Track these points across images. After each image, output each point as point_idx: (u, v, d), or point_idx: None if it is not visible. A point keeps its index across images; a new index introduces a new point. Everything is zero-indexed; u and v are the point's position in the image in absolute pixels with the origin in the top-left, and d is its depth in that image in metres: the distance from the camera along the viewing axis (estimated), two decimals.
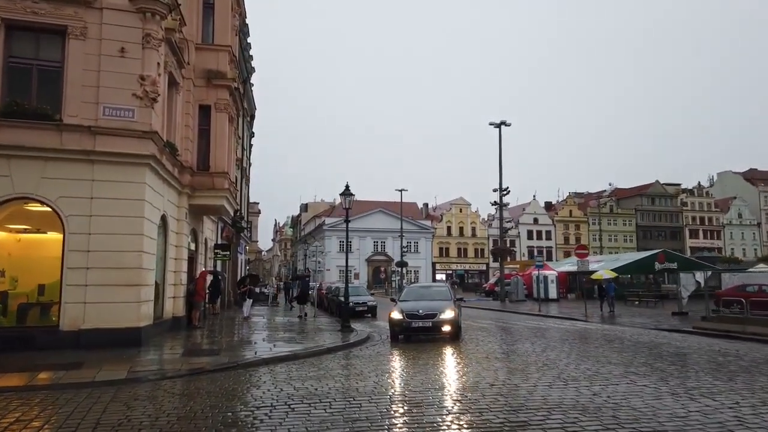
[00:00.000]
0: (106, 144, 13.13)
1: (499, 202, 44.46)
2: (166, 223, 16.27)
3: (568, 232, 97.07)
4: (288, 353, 12.36)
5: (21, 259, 13.94)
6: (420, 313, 14.49)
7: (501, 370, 10.02)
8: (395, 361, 11.60)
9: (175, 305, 17.04)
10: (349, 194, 17.54)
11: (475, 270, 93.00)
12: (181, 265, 17.42)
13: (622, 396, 7.74)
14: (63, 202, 12.93)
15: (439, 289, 16.89)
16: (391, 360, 11.84)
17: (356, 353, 12.89)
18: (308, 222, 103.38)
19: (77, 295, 12.84)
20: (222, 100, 18.77)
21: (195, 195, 18.12)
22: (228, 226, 27.51)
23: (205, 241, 22.07)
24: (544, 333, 17.02)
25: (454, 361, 11.38)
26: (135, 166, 13.44)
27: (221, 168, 18.51)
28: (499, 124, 44.22)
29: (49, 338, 12.65)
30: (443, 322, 14.45)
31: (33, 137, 12.68)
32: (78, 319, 12.81)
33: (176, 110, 16.93)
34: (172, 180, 16.11)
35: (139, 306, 13.25)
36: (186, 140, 17.72)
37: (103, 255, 13.01)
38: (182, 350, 12.90)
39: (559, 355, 12.01)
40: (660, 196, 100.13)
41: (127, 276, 13.13)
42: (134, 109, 13.46)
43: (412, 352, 12.76)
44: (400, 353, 12.74)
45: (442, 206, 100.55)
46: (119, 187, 13.26)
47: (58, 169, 12.89)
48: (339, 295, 26.44)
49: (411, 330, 14.53)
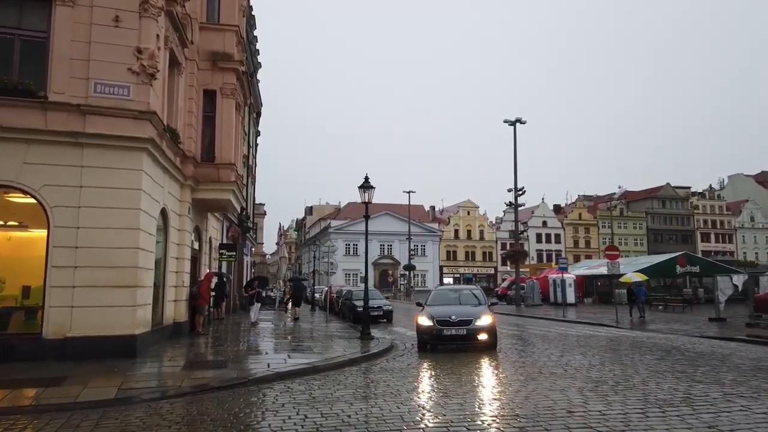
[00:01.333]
0: (97, 125, 11.48)
1: (514, 203, 42.66)
2: (167, 219, 14.61)
3: (578, 235, 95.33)
4: (306, 366, 10.65)
5: (11, 260, 12.29)
6: (453, 320, 12.78)
7: (569, 390, 8.28)
8: (434, 377, 9.87)
9: (176, 310, 15.36)
10: (368, 187, 15.84)
11: (483, 274, 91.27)
12: (183, 265, 15.74)
13: (751, 430, 6.02)
14: (48, 192, 11.27)
15: (470, 292, 15.15)
16: (429, 375, 10.12)
17: (383, 366, 11.18)
18: (313, 225, 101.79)
19: (63, 297, 11.17)
20: (228, 85, 17.13)
21: (199, 188, 16.46)
22: (234, 225, 25.86)
23: (209, 241, 20.40)
24: (587, 341, 15.28)
25: (507, 378, 9.62)
26: (130, 150, 11.78)
27: (227, 159, 16.85)
28: (514, 122, 42.53)
29: (31, 347, 10.99)
30: (480, 330, 12.74)
31: (14, 116, 11.03)
32: (64, 326, 11.14)
33: (178, 94, 15.28)
34: (173, 170, 14.45)
35: (134, 310, 11.58)
36: (189, 128, 16.07)
37: (93, 252, 11.35)
38: (183, 362, 11.20)
39: (624, 369, 10.27)
40: (671, 199, 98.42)
41: (120, 276, 11.46)
42: (130, 85, 11.81)
43: (449, 365, 11.05)
44: (434, 366, 11.02)
45: (450, 209, 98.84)
46: (112, 175, 11.60)
47: (42, 153, 11.24)
48: (352, 299, 24.85)
49: (442, 338, 12.81)
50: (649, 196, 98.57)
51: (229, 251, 21.93)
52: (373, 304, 23.71)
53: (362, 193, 15.92)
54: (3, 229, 12.30)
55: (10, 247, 12.45)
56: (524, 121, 43.00)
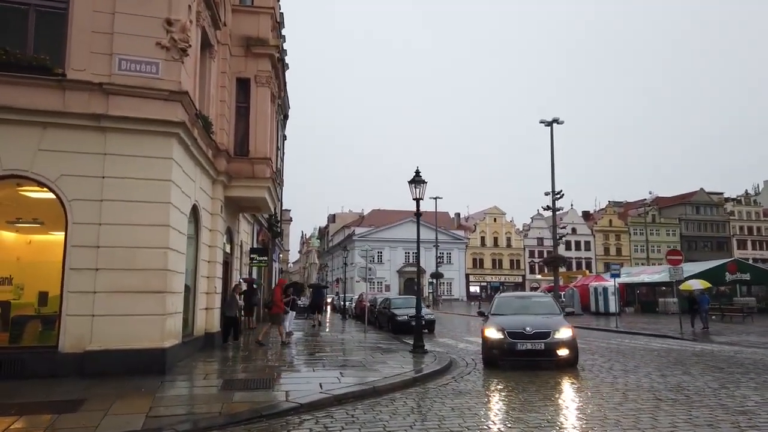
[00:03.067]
0: (121, 107, 10.00)
1: (551, 207, 40.62)
2: (198, 217, 13.10)
3: (608, 242, 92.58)
4: (365, 387, 8.95)
5: (31, 265, 10.89)
6: (528, 332, 10.98)
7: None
8: (527, 404, 8.09)
9: (208, 319, 13.83)
10: (420, 182, 14.15)
11: (510, 282, 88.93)
12: (215, 269, 14.20)
13: None
14: (65, 183, 9.80)
15: (541, 300, 13.33)
16: (520, 401, 8.33)
17: (454, 387, 9.43)
18: (336, 233, 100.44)
19: (83, 305, 9.66)
20: (263, 72, 15.63)
21: (231, 185, 14.94)
22: (264, 229, 24.37)
23: (240, 245, 18.91)
24: (676, 357, 13.34)
25: (620, 406, 7.82)
26: (159, 136, 10.28)
27: (263, 153, 15.32)
28: (551, 122, 40.47)
29: (45, 363, 9.48)
30: (560, 344, 10.94)
31: (28, 97, 9.60)
32: (83, 338, 9.62)
33: (210, 80, 13.82)
34: (205, 163, 12.95)
35: (163, 320, 10.03)
36: (221, 118, 14.59)
37: (117, 252, 9.84)
38: (220, 380, 9.57)
39: (764, 394, 8.41)
40: (705, 205, 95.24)
41: (148, 280, 9.93)
42: (159, 62, 10.32)
43: (532, 386, 9.28)
44: (517, 388, 9.24)
45: (475, 216, 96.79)
46: (139, 164, 10.10)
47: (59, 138, 9.79)
48: (390, 308, 23.19)
49: (515, 354, 11.00)
50: (681, 202, 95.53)
51: (261, 256, 20.43)
52: (413, 313, 22.12)
53: (413, 189, 14.22)
54: (17, 227, 10.90)
55: (31, 251, 11.06)
56: (561, 121, 40.94)
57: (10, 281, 10.56)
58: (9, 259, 10.68)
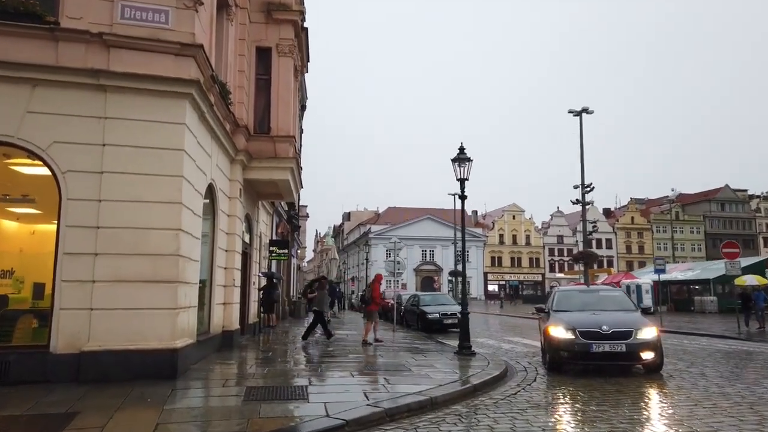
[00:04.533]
0: (125, 62, 8.42)
1: (581, 200, 38.64)
2: (215, 199, 11.51)
3: (630, 240, 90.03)
4: (422, 398, 7.26)
5: (34, 257, 9.30)
6: (604, 331, 9.22)
7: None
8: (642, 424, 6.39)
9: (226, 315, 12.23)
10: (465, 159, 12.42)
11: (530, 281, 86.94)
12: (233, 259, 12.59)
13: None
14: (59, 151, 8.23)
15: (610, 293, 11.54)
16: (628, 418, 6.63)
17: (527, 398, 7.72)
18: (351, 231, 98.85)
19: (79, 297, 8.10)
20: (286, 41, 14.02)
21: (251, 166, 13.35)
22: (283, 221, 22.78)
23: (260, 236, 17.32)
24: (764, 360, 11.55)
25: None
26: (170, 97, 8.68)
27: (285, 130, 13.70)
28: (579, 112, 38.23)
29: (35, 365, 7.93)
30: (644, 346, 9.16)
31: (14, 49, 8.05)
32: (79, 336, 8.05)
33: (227, 46, 12.21)
34: (223, 137, 11.34)
35: (175, 315, 8.42)
36: (240, 91, 12.98)
37: (119, 234, 8.27)
38: (242, 389, 7.90)
39: None
40: (730, 202, 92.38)
41: (157, 267, 8.34)
42: (168, 10, 8.73)
43: (627, 396, 7.58)
44: (608, 400, 7.52)
45: (493, 213, 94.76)
46: (146, 130, 8.52)
47: (51, 99, 8.23)
48: (419, 305, 21.54)
49: (589, 357, 9.25)
50: (705, 199, 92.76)
51: (281, 248, 18.81)
52: (445, 310, 20.47)
53: (456, 168, 12.50)
54: (8, 211, 9.34)
55: (35, 241, 9.48)
56: (591, 110, 38.93)
57: (11, 274, 9.05)
58: (11, 251, 9.14)
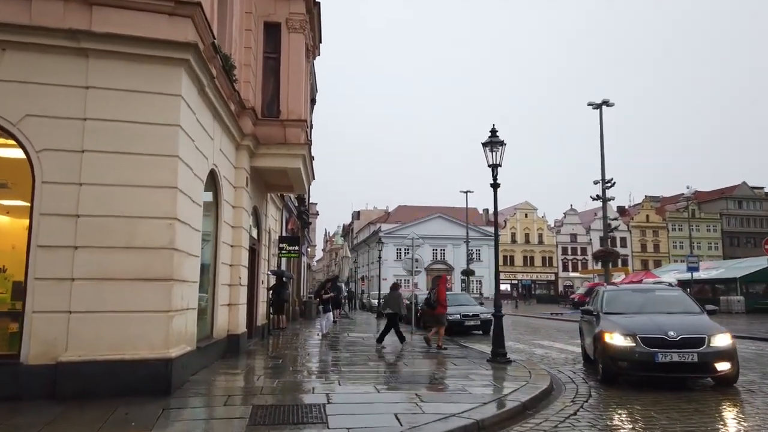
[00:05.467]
0: (110, 21, 7.16)
1: (602, 196, 37.16)
2: (218, 188, 10.24)
3: (645, 238, 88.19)
4: (467, 423, 5.94)
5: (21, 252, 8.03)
6: (671, 338, 7.87)
7: None
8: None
9: (231, 317, 10.96)
10: (498, 143, 11.08)
11: (542, 280, 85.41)
12: (240, 255, 11.31)
13: None
14: (32, 126, 6.98)
15: (670, 294, 10.11)
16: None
17: (592, 420, 6.39)
18: (361, 230, 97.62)
19: (55, 297, 6.84)
20: (296, 15, 12.76)
21: (259, 152, 12.08)
22: (293, 216, 21.53)
23: (269, 231, 16.06)
24: None
25: None
26: (162, 64, 7.40)
27: (296, 114, 12.44)
28: (599, 104, 36.71)
29: (3, 379, 6.67)
30: (718, 356, 7.80)
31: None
32: (55, 344, 6.79)
33: (232, 18, 10.95)
34: (227, 117, 10.08)
35: (169, 318, 7.15)
36: (246, 69, 11.73)
37: (103, 224, 7.01)
38: (248, 409, 6.59)
39: None
40: (748, 199, 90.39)
41: (147, 263, 7.08)
42: None
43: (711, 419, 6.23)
44: (692, 424, 6.19)
45: (505, 211, 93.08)
46: (134, 102, 7.26)
47: (24, 64, 6.98)
48: None
49: (654, 368, 7.88)
50: (722, 196, 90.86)
51: (291, 245, 17.58)
52: (467, 311, 19.14)
53: (488, 153, 11.17)
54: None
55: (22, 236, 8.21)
56: (612, 103, 37.43)
57: (4, 271, 7.84)
58: (2, 248, 7.91)
